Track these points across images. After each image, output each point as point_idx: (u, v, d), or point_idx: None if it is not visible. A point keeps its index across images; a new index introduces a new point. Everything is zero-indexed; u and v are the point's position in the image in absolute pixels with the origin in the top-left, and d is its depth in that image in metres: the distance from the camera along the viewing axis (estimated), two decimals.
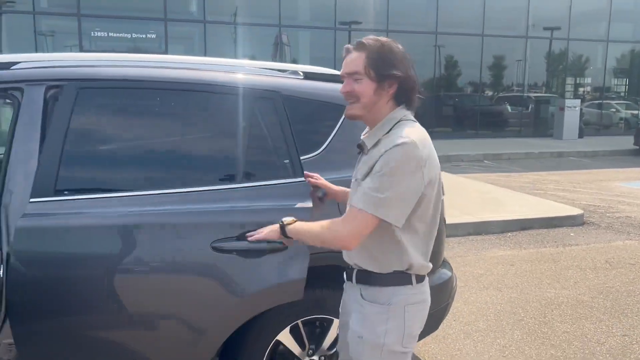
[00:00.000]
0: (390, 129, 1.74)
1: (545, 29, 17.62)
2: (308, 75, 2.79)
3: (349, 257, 1.90)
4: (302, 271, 2.28)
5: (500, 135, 17.08)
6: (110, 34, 13.53)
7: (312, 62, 15.81)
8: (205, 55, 13.90)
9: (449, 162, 12.38)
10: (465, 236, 6.26)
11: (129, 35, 13.64)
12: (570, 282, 4.81)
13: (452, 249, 5.75)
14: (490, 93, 17.94)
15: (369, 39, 1.74)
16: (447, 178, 9.46)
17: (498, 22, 16.74)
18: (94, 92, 2.30)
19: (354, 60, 1.74)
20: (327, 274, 2.57)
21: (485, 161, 12.87)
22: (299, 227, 1.82)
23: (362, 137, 1.84)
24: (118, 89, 2.37)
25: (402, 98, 1.77)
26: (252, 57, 14.56)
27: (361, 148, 1.82)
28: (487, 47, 16.82)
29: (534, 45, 17.69)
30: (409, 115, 1.80)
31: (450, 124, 17.19)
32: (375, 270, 1.81)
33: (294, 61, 15.62)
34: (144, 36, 13.76)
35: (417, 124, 1.78)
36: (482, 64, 17.02)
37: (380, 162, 1.66)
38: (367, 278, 1.83)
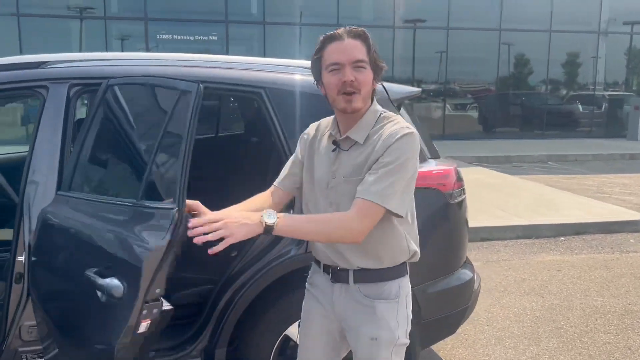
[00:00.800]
0: (376, 121, 1.72)
1: (625, 23, 16.66)
2: None
3: (343, 259, 1.75)
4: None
5: (569, 136, 16.30)
6: (174, 37, 14.04)
7: None
8: (264, 56, 14.16)
9: (510, 163, 11.96)
10: (513, 239, 6.03)
11: (191, 38, 14.11)
12: (622, 291, 4.53)
13: (497, 253, 5.57)
14: (558, 92, 17.16)
15: (357, 28, 1.68)
16: (503, 179, 9.15)
17: (567, 17, 15.97)
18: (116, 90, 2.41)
19: (356, 47, 1.65)
20: None
21: (549, 162, 12.32)
22: (290, 224, 1.58)
23: (330, 133, 1.77)
24: (140, 85, 2.47)
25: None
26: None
27: (338, 145, 1.73)
28: (555, 43, 16.09)
29: (611, 41, 16.74)
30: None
31: (514, 124, 16.60)
32: (377, 267, 1.75)
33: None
34: (205, 38, 14.18)
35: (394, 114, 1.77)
36: (549, 61, 16.30)
37: (392, 154, 1.62)
38: (369, 276, 1.75)
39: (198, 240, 1.46)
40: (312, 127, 1.90)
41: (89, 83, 2.42)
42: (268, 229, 1.55)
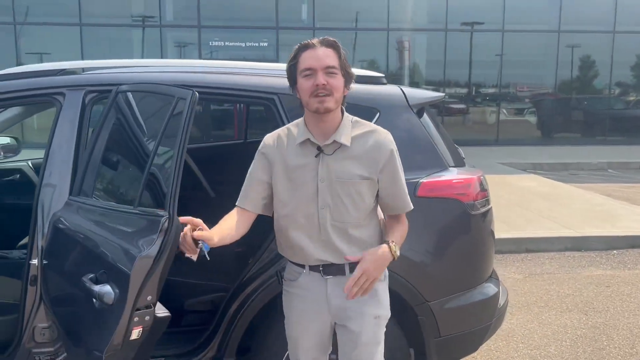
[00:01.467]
0: (352, 126, 1.87)
1: None
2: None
3: (340, 256, 1.85)
4: None
5: (633, 142, 15.40)
6: (226, 44, 14.32)
7: (427, 66, 15.47)
8: None
9: (566, 170, 11.43)
10: (560, 252, 5.72)
11: (243, 44, 14.34)
12: None
13: (542, 265, 5.30)
14: (622, 95, 16.28)
15: (329, 38, 1.83)
16: (556, 187, 8.75)
17: (632, 17, 15.14)
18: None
19: (328, 55, 1.79)
20: None
21: (610, 170, 11.69)
22: (399, 240, 1.88)
23: (307, 139, 1.84)
24: (143, 93, 2.49)
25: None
26: (364, 62, 14.63)
27: (320, 150, 1.83)
28: (620, 45, 15.27)
29: None
30: None
31: (574, 129, 15.86)
32: None
33: (414, 65, 15.40)
34: (256, 44, 14.38)
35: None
36: (612, 64, 15.49)
37: (392, 161, 1.87)
38: None
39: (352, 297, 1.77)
40: (270, 139, 1.94)
41: (104, 90, 2.45)
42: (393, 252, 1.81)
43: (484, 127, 15.30)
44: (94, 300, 1.72)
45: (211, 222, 3.75)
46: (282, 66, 2.75)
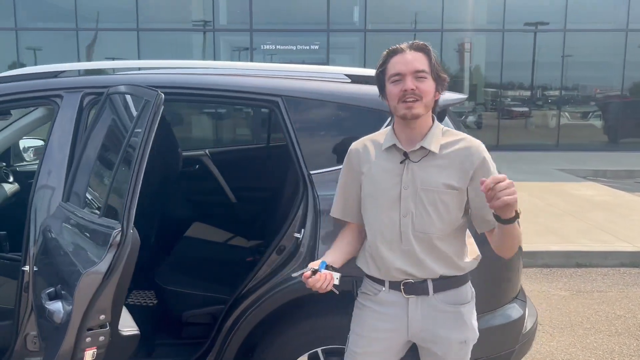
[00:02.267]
0: (442, 134, 1.81)
1: None
2: (355, 79, 2.55)
3: (424, 270, 1.78)
4: None
5: None
6: (277, 47, 14.35)
7: (487, 67, 14.90)
8: (365, 64, 14.01)
9: (631, 178, 10.65)
10: (614, 267, 5.26)
11: (294, 47, 14.32)
12: None
13: (593, 282, 4.87)
14: None
15: (419, 42, 1.78)
16: (617, 197, 8.14)
17: None
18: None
19: (418, 59, 1.73)
20: (350, 300, 2.31)
21: None
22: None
23: (393, 145, 1.81)
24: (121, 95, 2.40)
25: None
26: None
27: (407, 156, 1.78)
28: None
29: None
30: None
31: None
32: (457, 274, 1.83)
33: (477, 68, 14.90)
34: (307, 47, 14.33)
35: None
36: None
37: (489, 166, 1.77)
38: (449, 283, 1.82)
39: None
40: (355, 146, 1.93)
41: (101, 92, 2.38)
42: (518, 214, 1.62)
43: (543, 131, 14.59)
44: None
45: (231, 227, 3.68)
46: (287, 67, 2.63)
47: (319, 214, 2.24)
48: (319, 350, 2.33)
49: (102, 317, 1.46)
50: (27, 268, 2.27)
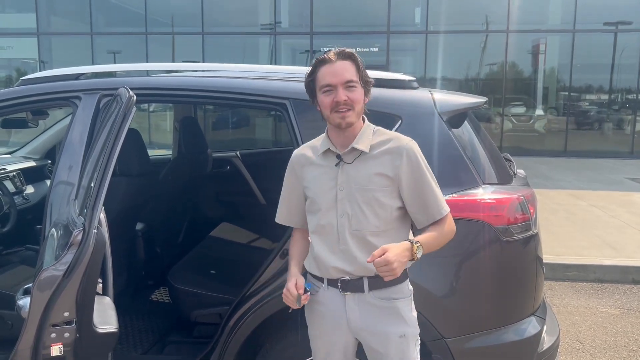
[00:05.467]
0: (373, 134, 1.85)
1: None
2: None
3: (360, 268, 1.80)
4: None
5: None
6: (337, 49, 14.35)
7: (560, 70, 14.22)
8: (425, 65, 13.77)
9: None
10: None
11: (353, 50, 14.25)
12: None
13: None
14: None
15: (345, 50, 1.83)
16: None
17: None
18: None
19: (347, 69, 1.78)
20: None
21: None
22: (426, 242, 1.77)
23: (327, 149, 1.86)
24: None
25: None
26: (491, 65, 13.91)
27: (340, 158, 1.83)
28: None
29: None
30: None
31: None
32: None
33: (545, 71, 14.30)
34: (367, 50, 14.25)
35: None
36: None
37: (419, 160, 1.80)
38: (385, 282, 1.78)
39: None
40: (296, 153, 1.98)
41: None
42: (417, 247, 1.73)
43: (617, 137, 13.75)
44: None
45: (260, 229, 3.69)
46: (296, 69, 2.60)
47: None
48: None
49: (66, 314, 1.50)
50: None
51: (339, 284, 1.83)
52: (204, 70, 2.62)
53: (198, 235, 3.63)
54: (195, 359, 2.44)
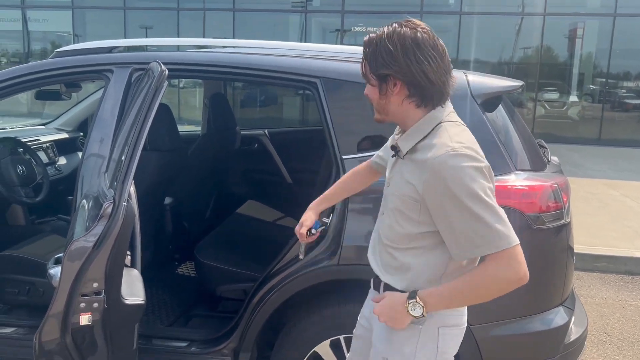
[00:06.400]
0: (430, 132, 1.48)
1: None
2: None
3: (377, 268, 1.65)
4: None
5: None
6: (368, 29, 14.17)
7: (597, 55, 13.78)
8: (458, 46, 13.50)
9: None
10: None
11: (370, 36, 14.04)
12: None
13: None
14: None
15: (372, 34, 1.53)
16: None
17: None
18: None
19: (363, 60, 1.54)
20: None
21: None
22: (436, 296, 1.45)
23: (395, 136, 1.64)
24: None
25: (425, 97, 1.49)
26: (525, 49, 13.58)
27: (395, 150, 1.58)
28: None
29: None
30: (453, 115, 1.54)
31: None
32: (403, 289, 1.54)
33: (582, 56, 13.88)
34: None
35: (461, 125, 1.53)
36: None
37: (445, 181, 1.38)
38: (398, 291, 1.56)
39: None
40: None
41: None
42: (418, 321, 1.51)
43: None
44: None
45: (286, 209, 3.70)
46: (327, 47, 2.56)
47: (347, 200, 2.19)
48: (341, 337, 2.29)
49: (95, 284, 1.52)
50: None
51: (373, 279, 1.72)
52: (234, 47, 2.60)
53: (224, 212, 3.66)
54: (219, 334, 2.46)
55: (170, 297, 2.98)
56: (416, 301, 1.43)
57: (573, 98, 13.93)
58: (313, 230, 1.85)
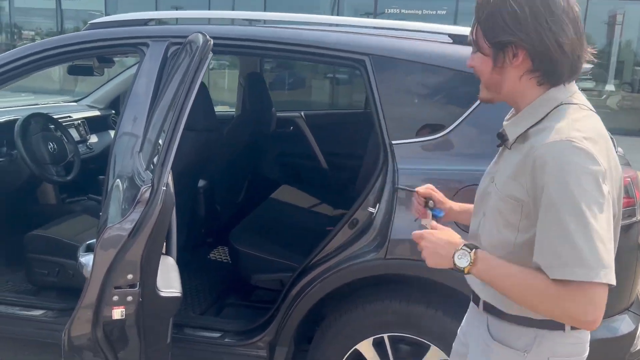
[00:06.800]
0: (547, 115, 1.22)
1: None
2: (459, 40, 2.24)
3: (471, 279, 1.38)
4: None
5: None
6: (402, 11, 13.84)
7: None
8: None
9: None
10: None
11: (419, 12, 13.71)
12: None
13: None
14: None
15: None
16: None
17: None
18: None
19: (471, 26, 1.29)
20: (428, 287, 2.08)
21: None
22: (486, 272, 1.20)
23: (504, 122, 1.33)
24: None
25: (552, 73, 1.21)
26: None
27: (502, 138, 1.31)
28: None
29: None
30: (578, 95, 1.25)
31: None
32: (502, 309, 1.30)
33: (629, 43, 13.35)
34: (434, 12, 13.65)
35: (587, 109, 1.23)
36: None
37: (551, 175, 1.12)
38: (495, 312, 1.32)
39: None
40: None
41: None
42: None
43: None
44: None
45: (321, 194, 3.55)
46: (377, 22, 2.38)
47: (395, 188, 2.02)
48: (385, 336, 2.15)
49: (129, 276, 1.38)
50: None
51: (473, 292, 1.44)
52: (273, 20, 2.43)
53: (258, 196, 3.53)
54: (254, 325, 2.34)
55: (202, 283, 2.86)
56: (470, 253, 1.18)
57: (611, 87, 13.43)
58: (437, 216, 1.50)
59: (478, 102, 2.07)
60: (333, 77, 13.87)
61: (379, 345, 2.16)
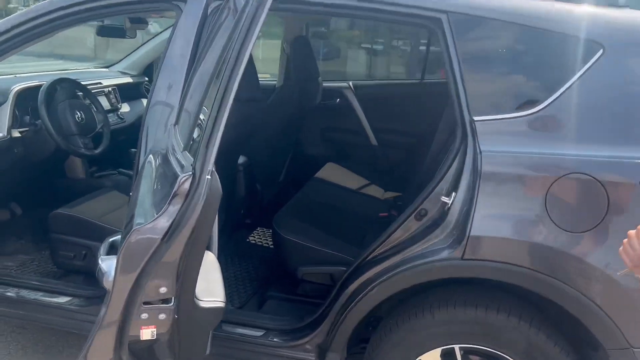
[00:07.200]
0: None
1: None
2: None
3: None
4: None
5: None
6: None
7: None
8: None
9: None
10: None
11: None
12: None
13: None
14: None
15: None
16: None
17: None
18: None
19: None
20: (510, 294, 1.76)
21: None
22: None
23: None
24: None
25: None
26: None
27: None
28: None
29: None
30: None
31: None
32: None
33: None
34: None
35: None
36: None
37: None
38: None
39: None
40: None
41: None
42: None
43: None
44: None
45: (370, 174, 3.21)
46: None
47: (478, 175, 1.68)
48: (456, 347, 1.83)
49: (162, 289, 1.07)
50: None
51: None
52: None
53: (300, 174, 3.22)
54: (302, 324, 2.05)
55: (241, 271, 2.60)
56: None
57: None
58: None
59: (583, 70, 1.70)
60: (387, 44, 13.15)
61: (448, 358, 1.85)
